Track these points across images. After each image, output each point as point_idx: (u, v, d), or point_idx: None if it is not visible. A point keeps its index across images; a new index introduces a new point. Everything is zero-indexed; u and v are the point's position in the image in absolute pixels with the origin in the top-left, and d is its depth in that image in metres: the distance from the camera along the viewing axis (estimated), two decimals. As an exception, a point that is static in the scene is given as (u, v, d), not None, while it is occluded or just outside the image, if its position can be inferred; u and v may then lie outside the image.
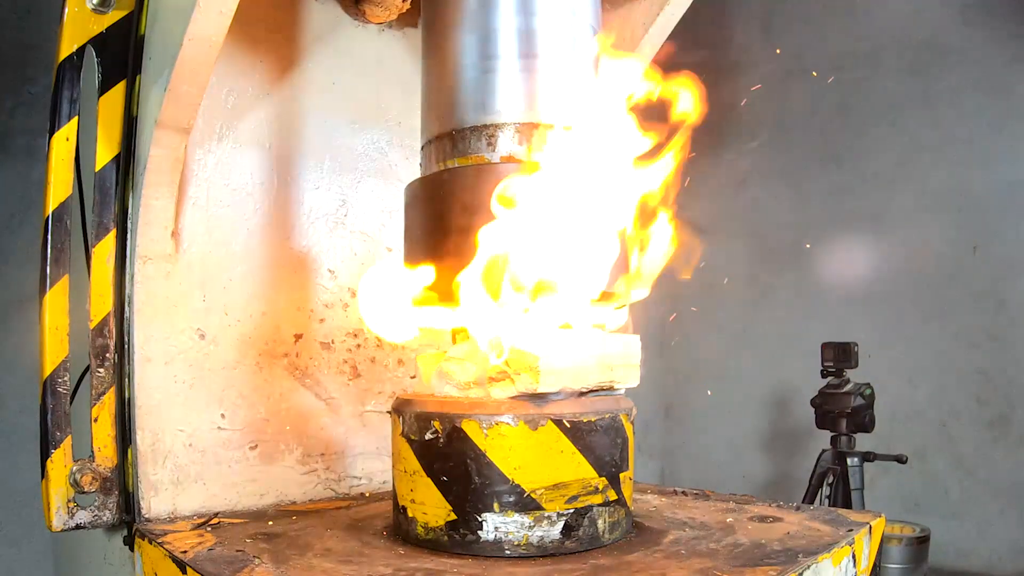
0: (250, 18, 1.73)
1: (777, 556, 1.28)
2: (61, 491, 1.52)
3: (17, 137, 2.89)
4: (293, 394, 1.86)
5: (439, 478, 1.33)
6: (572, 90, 1.48)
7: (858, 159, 4.32)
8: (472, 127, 1.45)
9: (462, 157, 1.46)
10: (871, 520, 1.54)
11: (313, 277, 1.92)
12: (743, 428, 4.75)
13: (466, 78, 1.47)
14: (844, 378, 3.36)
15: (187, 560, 1.27)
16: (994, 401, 3.88)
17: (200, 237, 1.73)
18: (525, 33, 1.45)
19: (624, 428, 1.42)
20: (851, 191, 4.33)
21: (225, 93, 1.78)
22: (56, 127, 1.55)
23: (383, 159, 2.07)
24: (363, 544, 1.40)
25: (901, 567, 3.27)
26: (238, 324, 1.78)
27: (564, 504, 1.31)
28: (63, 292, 1.55)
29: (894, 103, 4.19)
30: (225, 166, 1.78)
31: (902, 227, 4.14)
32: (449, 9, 1.51)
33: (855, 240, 4.23)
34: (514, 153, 1.42)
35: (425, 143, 1.55)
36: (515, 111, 1.44)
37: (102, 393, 1.58)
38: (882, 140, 4.23)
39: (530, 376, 1.30)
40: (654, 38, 1.98)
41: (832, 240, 4.31)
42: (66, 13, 1.56)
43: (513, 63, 1.44)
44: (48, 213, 1.55)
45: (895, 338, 4.10)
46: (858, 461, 3.27)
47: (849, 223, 4.29)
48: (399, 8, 1.88)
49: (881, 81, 4.24)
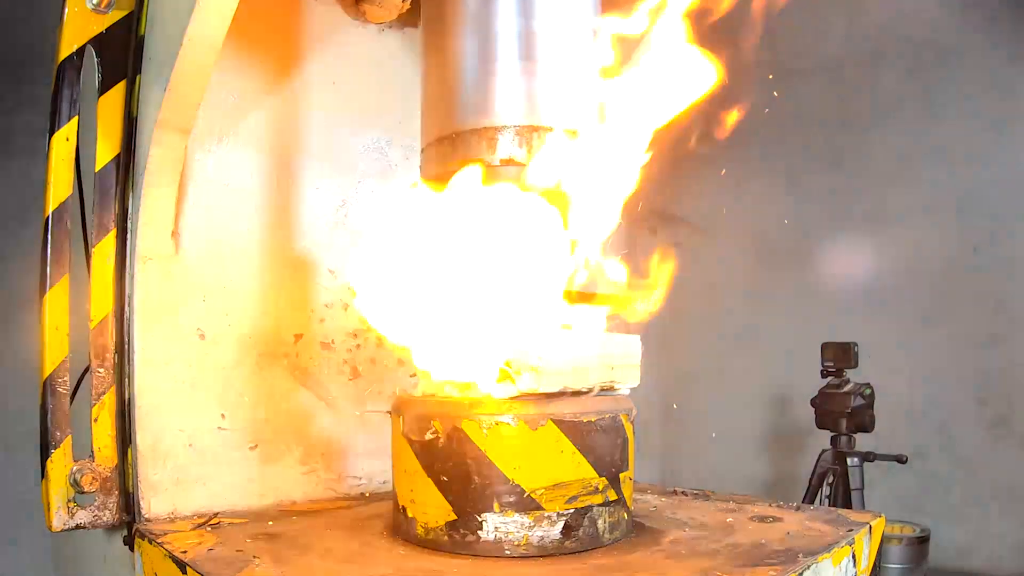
0: (250, 18, 1.73)
1: (777, 556, 1.28)
2: (61, 491, 1.52)
3: (17, 137, 2.90)
4: (293, 394, 1.86)
5: (439, 478, 1.33)
6: (572, 93, 1.48)
7: (858, 159, 4.31)
8: (472, 130, 1.45)
9: (462, 160, 1.46)
10: (871, 520, 1.54)
11: (313, 277, 1.92)
12: (743, 428, 4.75)
13: (466, 81, 1.47)
14: (844, 378, 3.36)
15: (187, 560, 1.27)
16: (994, 401, 3.88)
17: (200, 237, 1.73)
18: (525, 36, 1.45)
19: (624, 428, 1.42)
20: (851, 191, 4.33)
21: (225, 93, 1.78)
22: (56, 127, 1.55)
23: (383, 159, 2.07)
24: (363, 544, 1.40)
25: (901, 567, 3.27)
26: (238, 324, 1.78)
27: (564, 504, 1.31)
28: (63, 292, 1.55)
29: (894, 103, 4.19)
30: (225, 166, 1.78)
31: (902, 227, 4.14)
32: (449, 12, 1.51)
33: (855, 240, 4.23)
34: (514, 156, 1.42)
35: (425, 146, 1.55)
36: (515, 114, 1.44)
37: (102, 393, 1.58)
38: (882, 140, 4.23)
39: (532, 376, 1.30)
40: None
41: (832, 240, 4.31)
42: (66, 13, 1.56)
43: (513, 66, 1.44)
44: (48, 213, 1.55)
45: (895, 338, 4.10)
46: (858, 461, 3.26)
47: (849, 223, 4.29)
48: (399, 8, 1.88)
49: (881, 81, 4.24)
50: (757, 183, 4.69)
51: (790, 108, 4.56)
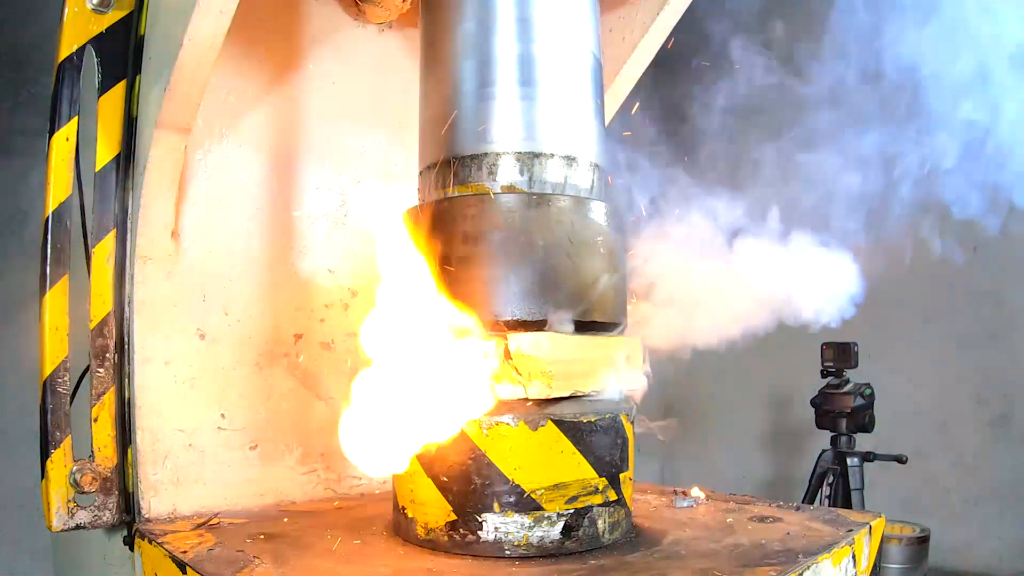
0: (250, 18, 1.73)
1: (777, 556, 1.28)
2: (61, 491, 1.52)
3: (17, 137, 2.89)
4: (293, 394, 1.86)
5: (439, 478, 1.33)
6: (574, 118, 1.46)
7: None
8: (472, 155, 1.43)
9: (462, 185, 1.44)
10: (871, 520, 1.54)
11: (313, 277, 1.92)
12: (743, 428, 4.75)
13: (466, 105, 1.44)
14: (844, 378, 3.36)
15: (187, 560, 1.27)
16: (994, 401, 3.88)
17: (200, 237, 1.73)
18: (525, 60, 1.43)
19: (624, 428, 1.42)
20: (851, 191, 4.32)
21: (225, 93, 1.77)
22: (56, 127, 1.55)
23: (383, 159, 2.07)
24: (363, 544, 1.40)
25: (901, 567, 3.27)
26: (238, 324, 1.78)
27: (564, 504, 1.31)
28: (63, 292, 1.55)
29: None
30: (225, 166, 1.78)
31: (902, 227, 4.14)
32: (449, 34, 1.48)
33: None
34: (515, 183, 1.41)
35: (424, 168, 1.53)
36: (516, 139, 1.41)
37: (102, 393, 1.58)
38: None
39: (542, 381, 1.29)
40: (654, 38, 1.97)
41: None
42: (66, 13, 1.56)
43: (513, 90, 1.42)
44: (48, 213, 1.55)
45: (895, 338, 4.10)
46: (858, 461, 3.26)
47: (849, 223, 4.28)
48: (399, 8, 1.88)
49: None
50: (756, 181, 4.68)
51: (789, 107, 4.55)
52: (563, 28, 1.46)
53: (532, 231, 1.36)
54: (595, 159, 1.49)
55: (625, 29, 1.99)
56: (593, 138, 1.50)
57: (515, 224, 1.36)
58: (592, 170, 1.48)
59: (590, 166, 1.47)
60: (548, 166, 1.42)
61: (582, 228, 1.40)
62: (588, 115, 1.49)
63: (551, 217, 1.37)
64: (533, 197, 1.38)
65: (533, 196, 1.39)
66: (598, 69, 1.53)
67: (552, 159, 1.42)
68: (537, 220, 1.37)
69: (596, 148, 1.50)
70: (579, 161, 1.45)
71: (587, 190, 1.47)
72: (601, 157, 1.52)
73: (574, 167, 1.44)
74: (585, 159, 1.46)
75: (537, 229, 1.36)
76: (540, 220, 1.37)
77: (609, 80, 2.00)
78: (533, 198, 1.38)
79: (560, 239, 1.37)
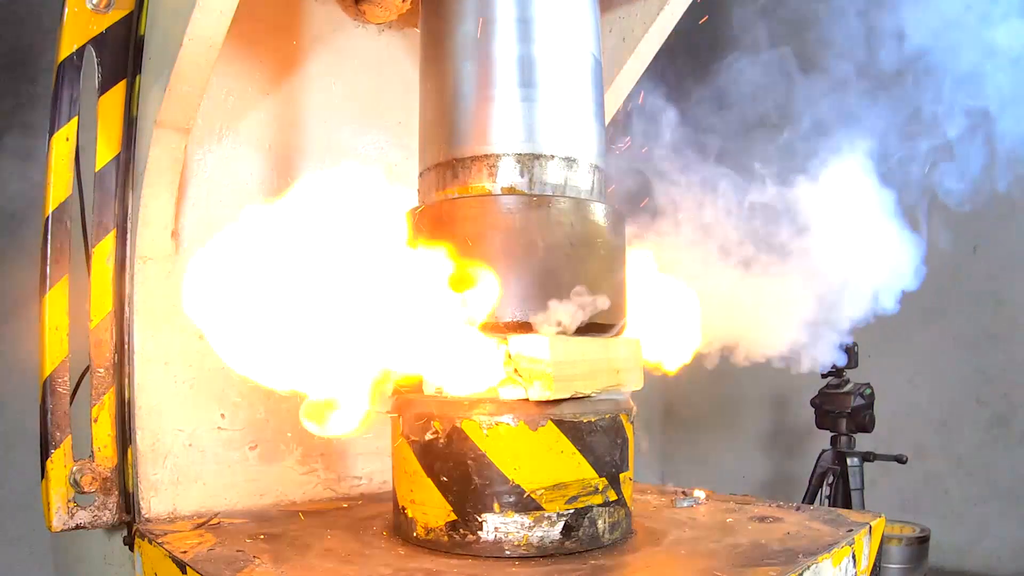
0: (250, 18, 1.73)
1: (777, 556, 1.28)
2: (61, 491, 1.52)
3: (17, 137, 2.89)
4: (293, 394, 1.85)
5: (439, 478, 1.33)
6: (575, 119, 1.46)
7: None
8: (473, 156, 1.43)
9: (462, 187, 1.44)
10: (871, 520, 1.54)
11: (313, 277, 1.92)
12: (743, 428, 4.75)
13: (466, 106, 1.44)
14: (844, 378, 3.36)
15: (187, 560, 1.27)
16: (994, 401, 3.87)
17: (200, 237, 1.73)
18: (525, 61, 1.43)
19: (624, 428, 1.42)
20: (851, 191, 4.32)
21: (225, 93, 1.77)
22: (56, 127, 1.55)
23: (383, 159, 2.07)
24: (363, 544, 1.40)
25: (901, 567, 3.27)
26: (238, 324, 1.78)
27: (564, 504, 1.31)
28: (63, 292, 1.55)
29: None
30: (225, 166, 1.78)
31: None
32: (450, 35, 1.48)
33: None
34: (515, 184, 1.41)
35: (424, 170, 1.53)
36: (516, 141, 1.41)
37: (102, 393, 1.58)
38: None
39: (544, 384, 1.29)
40: (654, 38, 1.97)
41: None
42: (66, 13, 1.56)
43: (513, 92, 1.41)
44: (48, 213, 1.55)
45: (895, 338, 4.10)
46: (858, 461, 3.26)
47: (849, 222, 4.28)
48: (399, 8, 1.88)
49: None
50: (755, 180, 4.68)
51: (788, 106, 4.56)
52: (563, 29, 1.45)
53: (532, 232, 1.36)
54: (595, 160, 1.49)
55: (625, 29, 1.99)
56: (593, 139, 1.50)
57: (515, 225, 1.36)
58: (592, 171, 1.48)
59: (590, 167, 1.47)
60: (548, 167, 1.42)
61: (582, 229, 1.40)
62: (588, 116, 1.48)
63: (551, 218, 1.37)
64: (533, 198, 1.38)
65: (533, 197, 1.39)
66: (598, 70, 1.53)
67: (552, 160, 1.42)
68: (537, 221, 1.37)
69: (596, 149, 1.50)
70: (579, 162, 1.45)
71: (587, 191, 1.47)
72: (601, 158, 1.52)
73: (574, 168, 1.44)
74: (585, 160, 1.46)
75: (537, 230, 1.36)
76: (540, 221, 1.37)
77: (609, 80, 2.00)
78: (533, 199, 1.38)
79: (560, 240, 1.37)
